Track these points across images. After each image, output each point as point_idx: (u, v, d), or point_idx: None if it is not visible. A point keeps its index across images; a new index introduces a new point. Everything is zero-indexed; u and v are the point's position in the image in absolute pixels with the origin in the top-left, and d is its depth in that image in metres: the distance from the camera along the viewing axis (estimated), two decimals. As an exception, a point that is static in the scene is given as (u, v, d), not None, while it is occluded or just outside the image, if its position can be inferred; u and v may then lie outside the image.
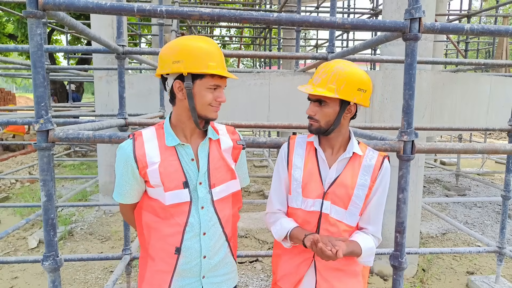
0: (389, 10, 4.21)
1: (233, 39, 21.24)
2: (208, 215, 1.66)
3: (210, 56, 1.52)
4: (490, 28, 2.04)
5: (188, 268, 1.65)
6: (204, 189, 1.65)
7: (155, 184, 1.59)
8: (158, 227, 1.64)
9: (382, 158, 1.77)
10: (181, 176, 1.61)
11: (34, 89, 1.73)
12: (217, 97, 1.58)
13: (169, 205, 1.59)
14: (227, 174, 1.72)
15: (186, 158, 1.63)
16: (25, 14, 1.65)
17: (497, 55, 10.02)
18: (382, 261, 4.56)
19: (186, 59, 1.49)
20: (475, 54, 14.67)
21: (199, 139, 1.68)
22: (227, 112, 4.74)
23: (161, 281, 1.66)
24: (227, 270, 1.78)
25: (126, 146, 1.61)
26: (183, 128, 1.65)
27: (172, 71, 1.52)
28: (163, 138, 1.63)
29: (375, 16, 10.86)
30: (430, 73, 4.28)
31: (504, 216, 3.95)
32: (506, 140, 17.11)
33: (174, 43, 1.55)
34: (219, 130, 1.77)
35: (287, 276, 1.84)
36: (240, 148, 1.80)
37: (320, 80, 1.65)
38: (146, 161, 1.58)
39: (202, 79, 1.53)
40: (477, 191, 8.70)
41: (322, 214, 1.73)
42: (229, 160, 1.74)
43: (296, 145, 1.85)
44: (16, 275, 4.46)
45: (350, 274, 1.78)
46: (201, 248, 1.65)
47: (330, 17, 1.91)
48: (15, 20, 13.51)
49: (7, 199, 7.56)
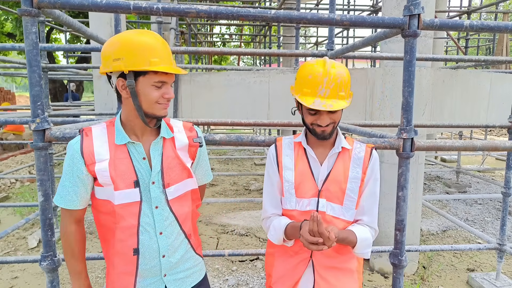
0: (388, 6, 4.19)
1: (233, 37, 21.24)
2: (163, 214, 1.61)
3: (153, 51, 1.44)
4: (489, 25, 2.03)
5: (148, 268, 1.61)
6: (157, 189, 1.59)
7: (104, 182, 1.52)
8: (112, 230, 1.58)
9: (370, 149, 1.77)
10: (132, 175, 1.55)
11: (30, 88, 1.72)
12: (164, 94, 1.51)
13: (119, 205, 1.53)
14: (183, 173, 1.67)
15: (138, 157, 1.57)
16: (20, 12, 1.64)
17: (497, 52, 10.01)
18: (383, 259, 4.55)
19: (126, 56, 1.42)
20: (475, 51, 14.64)
21: (152, 137, 1.62)
22: (227, 110, 4.73)
23: (126, 282, 1.61)
24: (189, 265, 1.74)
25: (74, 143, 1.55)
26: (133, 126, 1.58)
27: (113, 69, 1.44)
28: (113, 135, 1.57)
29: (375, 13, 10.85)
30: (430, 70, 4.26)
31: (505, 213, 3.94)
32: (507, 137, 17.11)
33: (114, 38, 1.48)
34: (175, 127, 1.70)
35: (284, 278, 1.80)
36: (196, 146, 1.74)
37: (329, 92, 1.59)
38: (94, 158, 1.52)
39: (145, 76, 1.46)
40: (477, 188, 8.68)
41: (318, 212, 1.71)
42: (184, 159, 1.67)
43: (284, 146, 1.82)
44: (16, 275, 4.45)
45: (346, 272, 1.78)
46: (159, 247, 1.60)
47: (329, 14, 1.89)
48: (13, 19, 13.51)
49: (7, 198, 7.56)
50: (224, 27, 24.16)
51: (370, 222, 1.77)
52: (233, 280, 4.33)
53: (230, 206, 7.12)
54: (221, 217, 6.50)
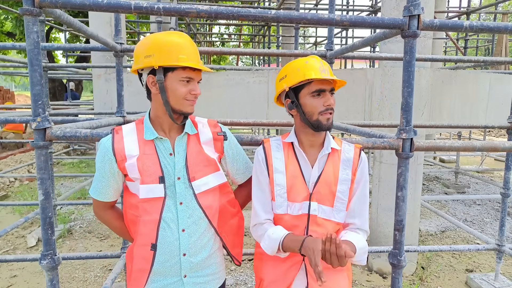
0: (387, 7, 4.20)
1: (232, 37, 21.24)
2: (187, 211, 1.63)
3: (181, 49, 1.52)
4: (489, 25, 2.03)
5: (168, 266, 1.62)
6: (183, 184, 1.62)
7: (134, 177, 1.59)
8: (136, 223, 1.62)
9: (358, 150, 1.77)
10: (157, 171, 1.60)
11: (31, 87, 1.73)
12: (192, 90, 1.57)
13: (143, 199, 1.58)
14: (209, 167, 1.69)
15: (164, 153, 1.62)
16: (22, 12, 1.64)
17: (497, 52, 10.02)
18: (381, 259, 4.56)
19: (157, 52, 1.50)
20: (474, 52, 14.64)
21: (178, 134, 1.67)
22: (226, 110, 4.74)
23: (138, 280, 1.63)
24: (212, 270, 1.74)
25: (105, 141, 1.63)
26: (161, 123, 1.65)
27: (144, 65, 1.53)
28: (142, 132, 1.64)
29: (374, 14, 10.86)
30: (429, 71, 4.27)
31: (503, 213, 3.94)
32: (506, 137, 17.14)
33: (146, 38, 1.57)
34: (199, 124, 1.75)
35: (275, 283, 1.75)
36: (221, 139, 1.77)
37: (327, 71, 1.63)
38: (125, 154, 1.59)
39: (174, 72, 1.53)
40: (476, 189, 8.69)
41: (310, 216, 1.68)
42: (210, 153, 1.71)
43: (272, 148, 1.78)
44: (15, 274, 4.45)
45: (337, 271, 1.75)
46: (180, 245, 1.61)
47: (329, 14, 1.90)
48: (13, 18, 13.49)
49: (6, 197, 7.56)
50: (223, 27, 24.19)
51: (361, 224, 1.75)
52: (232, 280, 4.34)
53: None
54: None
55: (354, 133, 2.75)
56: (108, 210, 1.75)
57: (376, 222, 4.57)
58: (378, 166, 4.42)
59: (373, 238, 4.68)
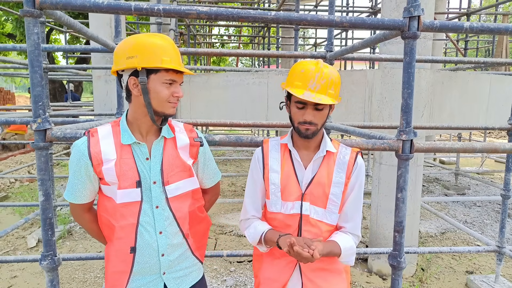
0: (387, 8, 4.20)
1: (232, 38, 21.24)
2: (163, 214, 1.65)
3: (164, 51, 1.52)
4: (489, 26, 2.04)
5: (147, 266, 1.64)
6: (158, 188, 1.63)
7: (111, 181, 1.58)
8: (112, 227, 1.63)
9: (355, 154, 1.76)
10: (135, 175, 1.60)
11: (31, 89, 1.73)
12: (174, 93, 1.58)
13: (120, 203, 1.59)
14: (184, 172, 1.71)
15: (141, 157, 1.62)
16: (22, 13, 1.64)
17: (497, 54, 10.02)
18: (381, 260, 4.56)
19: (140, 53, 1.49)
20: (474, 53, 14.66)
21: (155, 137, 1.67)
22: (226, 111, 4.74)
23: (118, 281, 1.65)
24: (187, 264, 1.77)
25: (80, 144, 1.59)
26: (139, 125, 1.64)
27: (126, 66, 1.51)
28: (119, 135, 1.62)
29: (374, 15, 10.86)
30: (429, 72, 4.27)
31: (504, 215, 3.94)
32: (506, 139, 17.13)
33: (129, 39, 1.56)
34: (176, 128, 1.75)
35: (273, 279, 1.80)
36: (197, 145, 1.78)
37: (320, 87, 1.60)
38: (102, 158, 1.57)
39: (157, 74, 1.53)
40: (476, 190, 8.69)
41: (302, 215, 1.72)
42: (185, 158, 1.72)
43: (270, 148, 1.82)
44: (15, 274, 4.45)
45: (334, 272, 1.78)
46: (159, 246, 1.64)
47: (329, 16, 1.90)
48: (13, 20, 13.50)
49: (6, 198, 7.55)
50: (223, 28, 24.20)
51: (353, 229, 1.76)
52: (231, 281, 4.33)
53: (228, 207, 7.12)
54: (219, 217, 6.50)
55: (353, 134, 2.75)
56: (86, 213, 1.73)
57: (375, 223, 4.57)
58: (378, 167, 4.42)
59: (373, 239, 4.68)
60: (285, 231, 1.75)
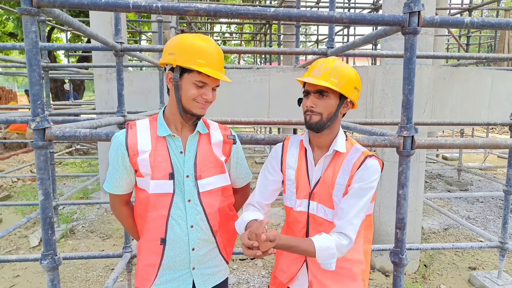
0: (388, 4, 4.18)
1: (234, 36, 21.23)
2: (195, 208, 1.68)
3: (202, 54, 1.56)
4: (490, 21, 2.02)
5: (178, 260, 1.68)
6: (191, 182, 1.68)
7: (145, 172, 1.63)
8: (145, 218, 1.67)
9: (364, 157, 1.66)
10: (168, 167, 1.64)
11: (30, 87, 1.73)
12: (203, 94, 1.61)
13: (152, 194, 1.63)
14: (216, 168, 1.74)
15: (175, 150, 1.67)
16: (20, 12, 1.64)
17: (499, 49, 9.97)
18: (384, 257, 4.55)
19: (179, 52, 1.56)
20: (477, 48, 14.61)
21: (190, 132, 1.72)
22: (228, 108, 4.73)
23: (148, 274, 1.69)
24: (216, 262, 1.81)
25: (119, 135, 1.67)
26: (174, 120, 1.69)
27: (166, 61, 1.59)
28: (155, 128, 1.68)
29: (376, 11, 10.81)
30: (431, 68, 4.25)
31: (506, 211, 3.93)
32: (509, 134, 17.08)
33: (177, 37, 1.62)
34: (211, 125, 1.80)
35: (283, 270, 1.85)
36: (230, 142, 1.82)
37: (322, 73, 1.61)
38: (137, 149, 1.63)
39: (190, 74, 1.57)
40: (479, 186, 8.67)
41: (309, 214, 1.73)
42: (218, 154, 1.76)
43: (289, 145, 1.85)
44: (18, 274, 4.46)
45: (347, 277, 1.72)
46: (189, 240, 1.68)
47: (328, 12, 1.88)
48: (15, 19, 13.50)
49: (9, 197, 7.57)
50: (224, 25, 24.18)
51: (343, 227, 1.58)
52: (234, 279, 4.33)
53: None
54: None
55: (355, 131, 2.74)
56: (123, 206, 1.78)
57: (378, 220, 4.56)
58: (380, 164, 4.39)
59: (376, 236, 4.67)
60: (295, 227, 1.78)
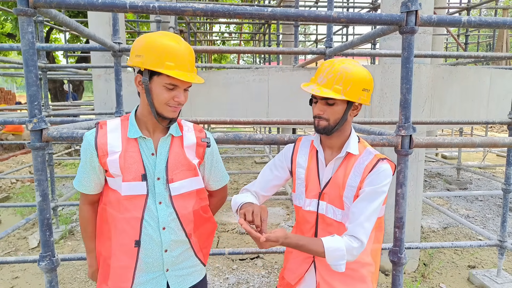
0: (387, 3, 4.18)
1: (233, 36, 21.23)
2: (167, 210, 1.66)
3: (170, 55, 1.50)
4: (487, 20, 2.02)
5: (151, 261, 1.65)
6: (162, 185, 1.65)
7: (115, 173, 1.60)
8: (117, 220, 1.64)
9: (376, 160, 1.65)
10: (140, 169, 1.61)
11: (26, 88, 1.72)
12: (175, 97, 1.56)
13: (125, 196, 1.60)
14: (189, 171, 1.71)
15: (147, 152, 1.64)
16: (16, 12, 1.63)
17: (497, 48, 9.98)
18: (383, 256, 4.54)
19: (146, 54, 1.49)
20: (475, 47, 14.61)
21: (162, 134, 1.68)
22: (227, 108, 4.73)
23: (123, 277, 1.66)
24: (190, 263, 1.77)
25: (88, 134, 1.64)
26: (146, 122, 1.66)
27: (133, 64, 1.53)
28: (127, 129, 1.65)
29: (374, 11, 10.82)
30: (429, 67, 4.25)
31: (505, 209, 3.93)
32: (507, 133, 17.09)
33: (142, 37, 1.56)
34: (185, 127, 1.76)
35: (292, 270, 1.84)
36: (204, 145, 1.78)
37: (326, 81, 1.59)
38: (107, 150, 1.60)
39: (159, 76, 1.52)
40: (478, 185, 8.67)
41: (318, 214, 1.72)
42: (191, 157, 1.72)
43: (301, 145, 1.85)
44: (17, 275, 4.46)
45: (356, 279, 1.71)
46: (162, 242, 1.65)
47: (326, 11, 1.88)
48: (13, 19, 13.48)
49: (7, 198, 7.56)
50: (223, 25, 24.18)
51: (354, 231, 1.57)
52: (234, 279, 4.33)
53: (230, 205, 7.09)
54: (221, 215, 6.49)
55: (353, 130, 2.74)
56: (89, 205, 1.76)
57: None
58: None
59: (375, 235, 4.66)
60: (304, 226, 1.78)
